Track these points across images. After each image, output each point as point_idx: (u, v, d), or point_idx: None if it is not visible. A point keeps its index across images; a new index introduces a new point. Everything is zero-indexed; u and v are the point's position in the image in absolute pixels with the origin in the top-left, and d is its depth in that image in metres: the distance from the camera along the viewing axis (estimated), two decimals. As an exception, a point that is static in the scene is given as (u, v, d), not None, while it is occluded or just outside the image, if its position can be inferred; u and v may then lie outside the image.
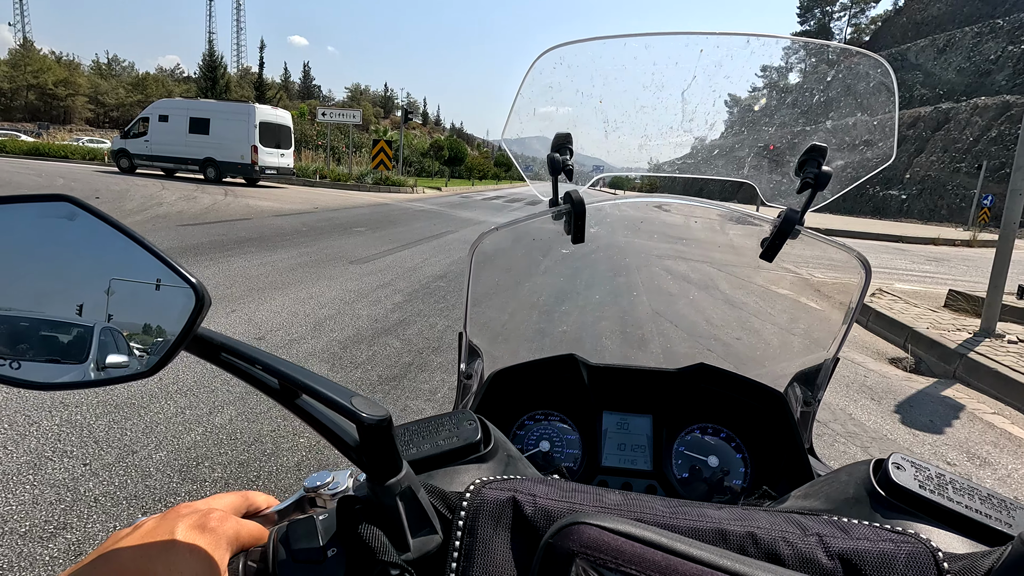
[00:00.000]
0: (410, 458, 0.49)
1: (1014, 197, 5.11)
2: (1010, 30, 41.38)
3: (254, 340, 4.02)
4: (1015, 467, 3.10)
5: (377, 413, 0.38)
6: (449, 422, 0.53)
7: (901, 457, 0.47)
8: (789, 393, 0.93)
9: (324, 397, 0.38)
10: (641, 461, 0.88)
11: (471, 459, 0.50)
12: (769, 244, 0.82)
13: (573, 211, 0.82)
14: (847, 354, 5.04)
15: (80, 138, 41.92)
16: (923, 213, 36.77)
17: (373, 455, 0.40)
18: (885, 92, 0.89)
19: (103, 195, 12.46)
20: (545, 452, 0.89)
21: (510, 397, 0.91)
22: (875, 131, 0.90)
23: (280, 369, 0.39)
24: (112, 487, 2.21)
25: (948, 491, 0.44)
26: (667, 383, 0.91)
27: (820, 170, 0.80)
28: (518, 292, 1.11)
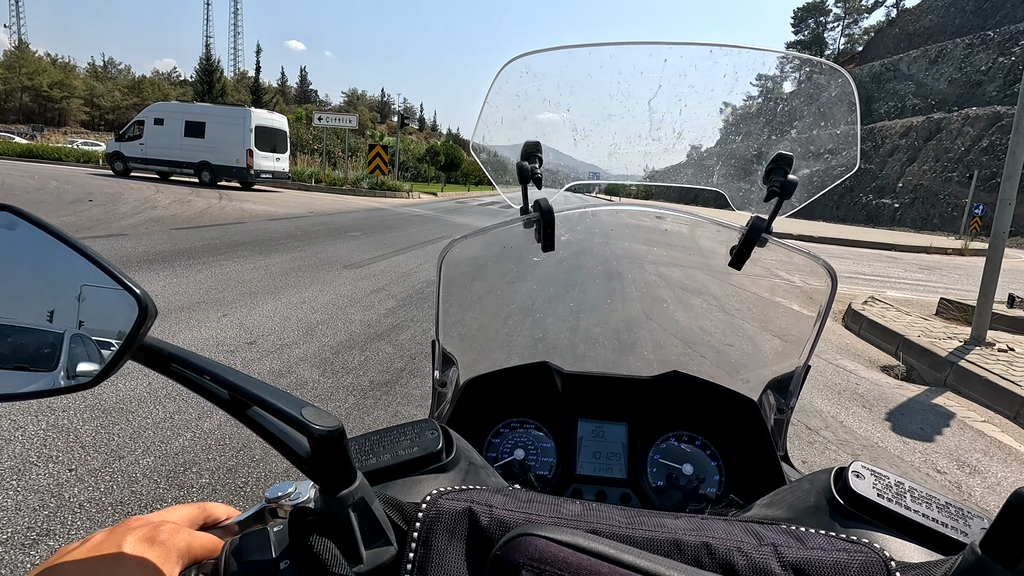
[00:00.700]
0: (368, 468, 0.48)
1: (1003, 207, 5.16)
2: (1000, 42, 41.92)
3: (245, 345, 4.00)
4: (1004, 475, 3.11)
5: (328, 424, 0.38)
6: (411, 431, 0.53)
7: (862, 465, 0.47)
8: (763, 400, 0.93)
9: (273, 408, 0.38)
10: (616, 469, 0.88)
11: (431, 469, 0.50)
12: (737, 252, 0.82)
13: (542, 219, 0.82)
14: (840, 362, 5.06)
15: (75, 140, 41.80)
16: (916, 222, 37.08)
17: (325, 466, 0.39)
18: (847, 103, 0.90)
19: (97, 198, 12.40)
20: (520, 460, 0.89)
21: (485, 405, 0.91)
22: (839, 140, 0.91)
23: (229, 380, 0.38)
24: (97, 493, 2.19)
25: (906, 499, 0.44)
26: (641, 391, 0.91)
27: (786, 179, 0.81)
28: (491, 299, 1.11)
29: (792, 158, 0.82)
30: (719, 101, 0.90)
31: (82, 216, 9.57)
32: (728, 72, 0.86)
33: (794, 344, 0.93)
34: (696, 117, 0.91)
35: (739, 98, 0.91)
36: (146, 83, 78.03)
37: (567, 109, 0.92)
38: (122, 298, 0.39)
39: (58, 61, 74.45)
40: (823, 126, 0.92)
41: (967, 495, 2.85)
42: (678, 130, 0.92)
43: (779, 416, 0.88)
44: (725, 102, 0.91)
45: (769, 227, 0.81)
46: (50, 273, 0.41)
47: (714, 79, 0.87)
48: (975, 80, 42.59)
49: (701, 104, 0.90)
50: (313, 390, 3.35)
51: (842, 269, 12.44)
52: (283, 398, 0.38)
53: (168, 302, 4.86)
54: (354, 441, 0.53)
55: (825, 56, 79.24)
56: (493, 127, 0.96)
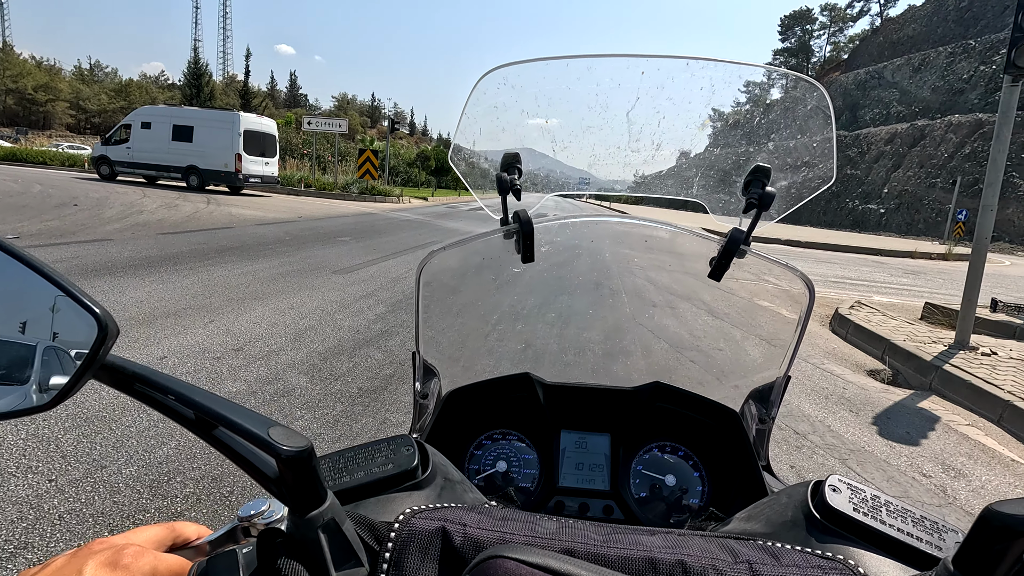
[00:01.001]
0: (341, 487, 0.48)
1: (985, 213, 5.24)
2: (982, 51, 42.75)
3: (232, 351, 3.95)
4: (988, 478, 3.15)
5: (296, 444, 0.37)
6: (386, 448, 0.52)
7: (838, 479, 0.47)
8: (745, 411, 0.93)
9: (240, 428, 0.37)
10: (599, 481, 0.88)
11: (406, 486, 0.49)
12: (716, 263, 0.82)
13: (521, 230, 0.82)
14: (827, 366, 5.11)
15: (60, 144, 41.28)
16: (901, 227, 37.60)
17: (293, 487, 0.39)
18: (822, 116, 0.91)
19: (82, 202, 12.25)
20: (502, 472, 0.88)
21: (467, 416, 0.90)
22: (815, 153, 0.92)
23: (195, 399, 0.38)
24: (78, 504, 2.15)
25: (882, 514, 0.44)
26: (624, 401, 0.91)
27: (764, 191, 0.81)
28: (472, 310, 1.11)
29: (770, 170, 0.83)
30: (697, 113, 0.91)
31: (66, 221, 9.44)
32: (705, 85, 0.87)
33: (775, 354, 0.93)
34: (675, 129, 0.92)
35: (717, 110, 0.92)
36: (133, 86, 77.31)
37: (546, 120, 0.92)
38: (82, 318, 0.38)
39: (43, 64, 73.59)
40: (800, 139, 0.93)
41: (952, 499, 2.87)
42: (657, 141, 0.92)
43: (761, 426, 0.89)
44: (703, 114, 0.91)
45: (748, 239, 0.81)
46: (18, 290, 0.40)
47: (691, 91, 0.88)
48: (957, 88, 43.36)
49: (679, 116, 0.90)
50: (300, 397, 3.31)
51: (829, 274, 12.57)
52: (250, 418, 0.38)
53: (154, 308, 4.80)
54: (328, 458, 0.52)
55: (811, 63, 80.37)
56: (472, 138, 0.96)
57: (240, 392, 3.29)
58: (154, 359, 3.65)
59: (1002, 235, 31.01)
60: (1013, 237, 30.88)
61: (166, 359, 3.68)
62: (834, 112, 0.90)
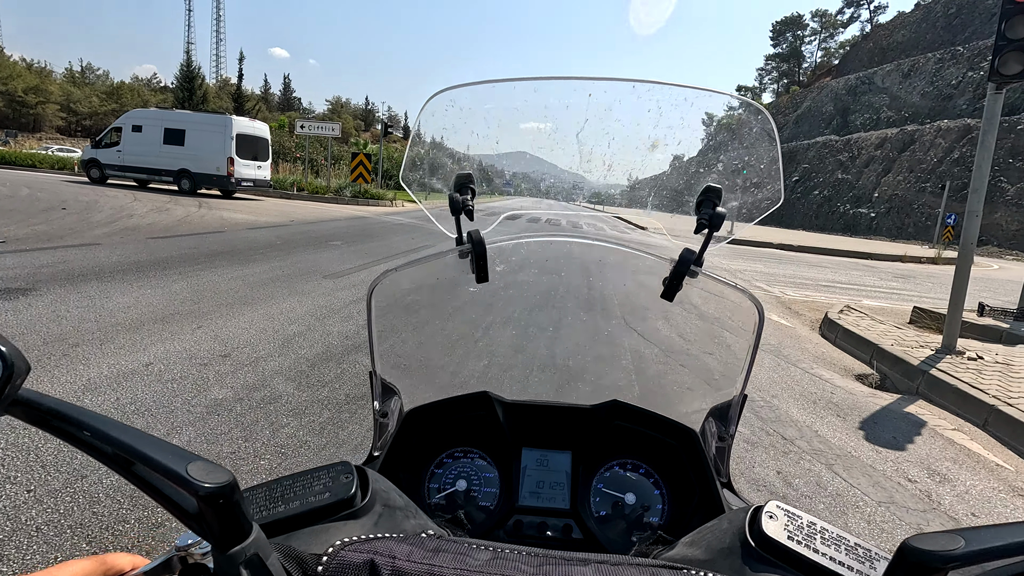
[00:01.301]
0: (275, 517, 0.47)
1: (971, 219, 5.30)
2: (970, 57, 43.28)
3: (219, 357, 3.93)
4: (973, 483, 3.17)
5: (217, 480, 0.37)
6: (326, 476, 0.52)
7: (776, 506, 0.47)
8: (706, 428, 0.94)
9: (156, 465, 0.36)
10: (559, 499, 0.87)
11: (342, 515, 0.49)
12: (668, 284, 0.83)
13: (474, 251, 0.82)
14: (816, 370, 5.13)
15: (50, 147, 40.95)
16: (891, 231, 37.92)
17: (214, 523, 0.38)
18: (768, 138, 0.92)
19: (71, 206, 12.15)
20: (463, 491, 0.88)
21: (429, 434, 0.90)
22: (763, 174, 0.93)
23: (112, 435, 0.37)
24: (57, 515, 2.12)
25: (815, 542, 0.45)
26: (583, 419, 0.91)
27: (715, 211, 0.82)
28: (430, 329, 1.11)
29: (721, 190, 0.83)
30: (646, 135, 0.92)
31: (54, 225, 9.36)
32: (652, 107, 0.88)
33: (732, 373, 0.94)
34: (625, 150, 0.93)
35: (665, 132, 0.92)
36: (125, 89, 76.90)
37: (496, 141, 0.93)
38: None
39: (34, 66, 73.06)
40: (747, 160, 0.94)
41: (937, 504, 2.89)
42: (608, 162, 0.93)
43: (721, 443, 0.89)
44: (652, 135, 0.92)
45: (700, 259, 0.82)
46: None
47: (639, 113, 0.89)
48: (946, 94, 43.86)
49: (628, 138, 0.92)
50: (287, 404, 3.29)
51: (820, 278, 12.66)
52: (169, 453, 0.37)
53: (141, 314, 4.76)
54: (265, 487, 0.51)
55: (803, 68, 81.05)
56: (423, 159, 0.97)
57: (226, 399, 3.27)
58: (139, 365, 3.62)
59: (991, 239, 31.33)
60: (1001, 241, 31.21)
61: (152, 365, 3.65)
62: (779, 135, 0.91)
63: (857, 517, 2.67)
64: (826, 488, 2.92)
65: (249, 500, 0.50)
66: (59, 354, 3.69)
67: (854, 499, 2.84)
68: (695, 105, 0.91)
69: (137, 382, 3.38)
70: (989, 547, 0.34)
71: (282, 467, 2.63)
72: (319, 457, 2.76)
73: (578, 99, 0.88)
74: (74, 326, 4.28)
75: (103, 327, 4.32)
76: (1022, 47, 4.63)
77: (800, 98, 63.47)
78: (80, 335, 4.09)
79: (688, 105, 0.91)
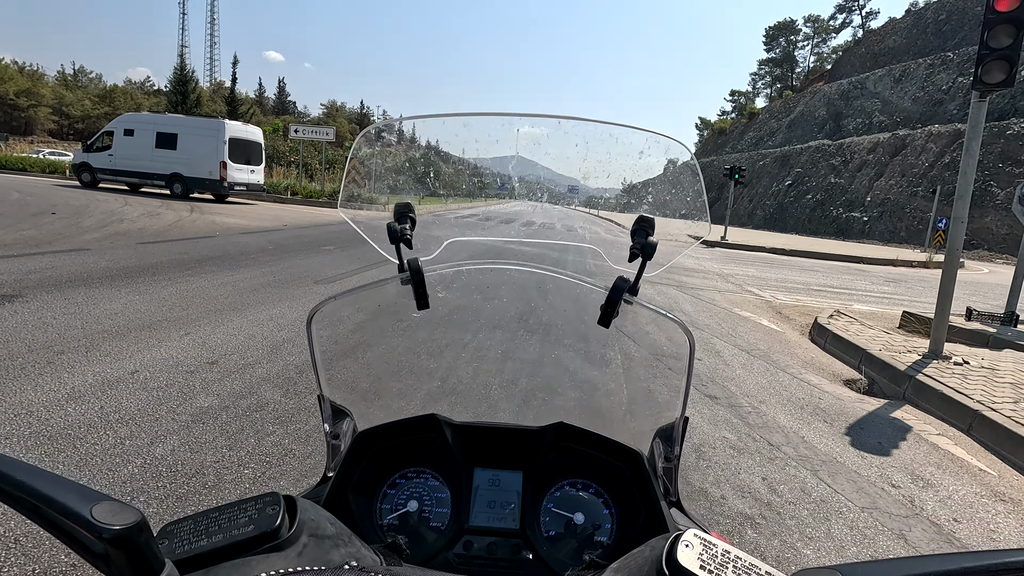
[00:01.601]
0: (195, 552, 0.47)
1: (956, 225, 5.35)
2: (960, 62, 43.74)
3: (206, 364, 3.91)
4: (955, 488, 3.19)
5: (124, 521, 0.37)
6: (252, 507, 0.52)
7: (694, 534, 0.48)
8: (654, 448, 0.95)
9: (60, 508, 0.36)
10: (509, 519, 0.88)
11: (265, 548, 0.48)
12: (603, 310, 0.84)
13: (412, 279, 0.84)
14: (804, 376, 5.16)
15: (41, 150, 40.70)
16: (883, 235, 38.19)
17: (123, 565, 0.38)
18: (691, 173, 0.95)
19: (61, 211, 12.09)
20: (414, 511, 0.89)
21: (382, 455, 0.91)
22: (690, 206, 0.96)
23: (13, 476, 0.37)
24: (35, 527, 2.09)
25: (727, 570, 0.45)
26: (532, 441, 0.92)
27: (647, 240, 0.84)
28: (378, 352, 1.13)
29: (653, 220, 0.86)
30: (576, 167, 0.95)
31: (43, 230, 9.30)
32: (579, 142, 0.91)
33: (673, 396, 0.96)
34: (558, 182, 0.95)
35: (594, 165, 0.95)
36: (118, 92, 76.58)
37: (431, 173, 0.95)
38: None
39: (26, 69, 72.70)
40: (674, 193, 0.97)
41: (919, 509, 2.91)
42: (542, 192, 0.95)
43: (667, 464, 0.90)
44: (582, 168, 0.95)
45: (635, 287, 0.83)
46: None
47: (567, 147, 0.91)
48: (937, 99, 44.29)
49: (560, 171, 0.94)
50: (274, 411, 3.28)
51: (812, 282, 12.73)
52: (73, 494, 0.37)
53: (128, 320, 4.74)
54: (190, 520, 0.51)
55: (796, 73, 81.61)
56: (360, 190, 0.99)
57: (212, 407, 3.26)
58: (124, 373, 3.60)
59: (981, 243, 31.60)
60: (992, 245, 31.48)
61: (137, 373, 3.63)
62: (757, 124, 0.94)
63: (840, 523, 2.69)
64: (810, 494, 2.94)
65: (174, 533, 0.50)
66: (44, 361, 3.67)
67: (837, 505, 2.85)
68: (620, 141, 0.95)
69: (122, 390, 3.36)
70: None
71: (266, 476, 2.62)
72: (304, 466, 2.75)
73: (506, 134, 0.91)
74: (60, 333, 4.25)
75: (89, 334, 4.30)
76: (1004, 56, 4.69)
77: (793, 102, 63.91)
78: (65, 342, 4.07)
79: (614, 141, 0.94)
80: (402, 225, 0.88)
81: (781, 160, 52.54)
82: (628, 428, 0.99)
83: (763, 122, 66.30)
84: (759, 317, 7.75)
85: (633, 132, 0.92)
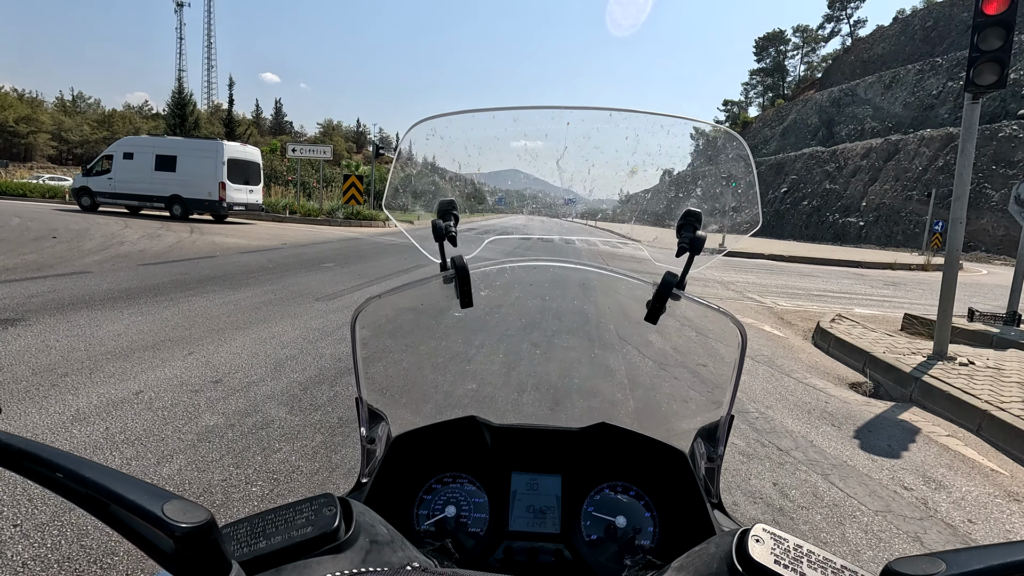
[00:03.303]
0: (256, 554, 0.47)
1: (955, 226, 5.37)
2: (948, 67, 44.24)
3: (211, 383, 3.89)
4: (968, 489, 3.17)
5: (194, 520, 0.36)
6: (308, 509, 0.52)
7: (763, 529, 0.47)
8: (695, 449, 0.93)
9: (132, 506, 0.36)
10: (549, 524, 0.87)
11: (326, 550, 0.48)
12: (651, 307, 0.83)
13: (457, 276, 0.83)
14: (809, 380, 5.14)
15: (41, 176, 40.90)
16: (880, 239, 38.31)
17: (192, 564, 0.37)
18: (744, 164, 0.94)
19: (61, 235, 12.11)
20: (452, 517, 0.87)
21: (417, 460, 0.90)
22: (741, 198, 0.95)
23: (86, 476, 0.37)
24: (44, 549, 2.08)
25: (803, 565, 0.44)
26: (572, 442, 0.91)
27: (695, 235, 0.83)
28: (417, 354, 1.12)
29: (701, 215, 0.85)
30: (625, 161, 0.94)
31: (45, 254, 9.31)
32: (629, 134, 0.90)
33: (719, 394, 0.94)
34: (605, 176, 0.94)
35: (644, 159, 0.94)
36: (116, 117, 77.22)
37: (478, 168, 0.94)
38: None
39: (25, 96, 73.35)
40: (724, 185, 0.96)
41: (933, 511, 2.88)
42: (589, 188, 0.95)
43: (710, 464, 0.89)
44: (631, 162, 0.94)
45: (682, 282, 0.82)
46: None
47: (617, 140, 0.90)
48: (928, 103, 44.73)
49: (608, 164, 0.93)
50: (279, 429, 3.26)
51: (812, 287, 12.74)
52: (144, 492, 0.37)
53: (131, 341, 4.72)
54: (246, 522, 0.51)
55: (787, 83, 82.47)
56: (405, 186, 0.99)
57: (218, 425, 3.24)
58: (129, 394, 3.59)
59: (978, 245, 31.70)
60: (989, 246, 31.58)
61: (142, 394, 3.62)
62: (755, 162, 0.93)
63: (854, 527, 2.66)
64: (823, 499, 2.91)
65: (230, 536, 0.50)
66: (48, 384, 3.65)
67: (851, 509, 2.83)
68: (671, 132, 0.93)
69: (127, 411, 3.34)
70: (969, 571, 0.34)
71: (274, 493, 2.60)
72: (312, 482, 2.73)
73: (556, 127, 0.89)
74: (63, 356, 4.24)
75: (93, 356, 4.29)
76: (995, 58, 4.75)
77: (785, 111, 64.51)
78: (69, 364, 4.05)
79: (665, 133, 0.92)
80: (447, 223, 0.87)
81: (776, 168, 52.88)
82: (670, 427, 0.98)
83: (756, 130, 66.87)
84: (761, 323, 7.74)
85: (686, 123, 0.92)
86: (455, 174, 1.04)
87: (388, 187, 1.01)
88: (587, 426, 0.91)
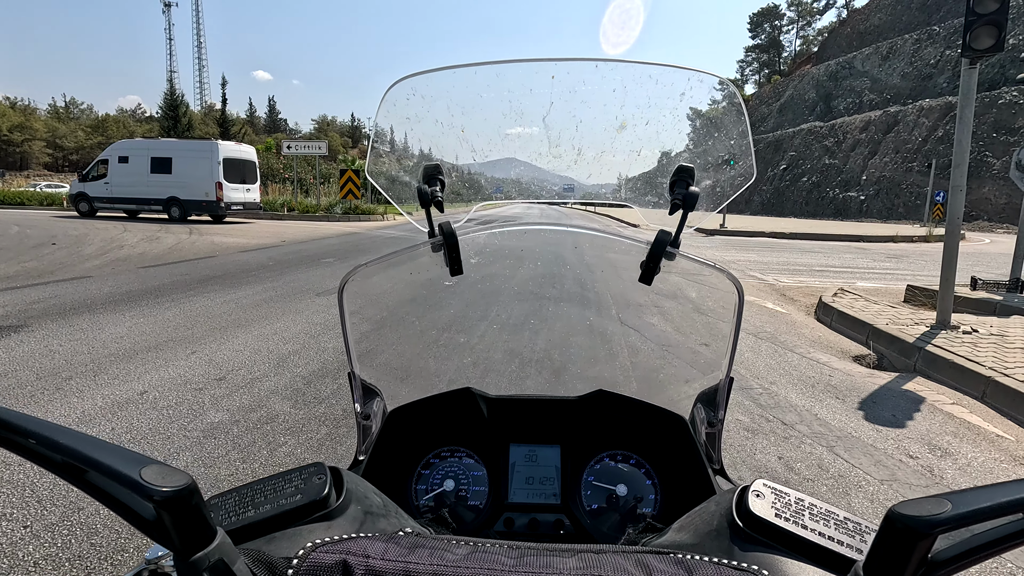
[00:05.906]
0: (244, 522, 0.46)
1: (955, 194, 5.33)
2: (946, 36, 43.66)
3: (214, 381, 3.91)
4: (974, 455, 3.17)
5: (173, 484, 0.35)
6: (298, 478, 0.51)
7: (763, 484, 0.47)
8: (695, 415, 0.92)
9: (109, 471, 0.35)
10: (549, 494, 0.86)
11: (315, 517, 0.47)
12: (645, 267, 0.81)
13: (446, 243, 0.80)
14: (813, 354, 5.13)
15: (37, 183, 40.87)
16: (881, 212, 38.10)
17: (174, 529, 0.36)
18: (735, 112, 0.91)
19: (61, 241, 12.11)
20: (451, 491, 0.87)
21: (414, 434, 0.89)
22: (734, 150, 0.92)
23: (60, 442, 0.35)
24: (54, 549, 2.10)
25: (804, 518, 0.44)
26: (570, 411, 0.90)
27: (688, 191, 0.80)
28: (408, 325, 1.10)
29: (693, 170, 0.82)
30: (614, 116, 0.90)
31: (45, 260, 9.33)
32: (617, 86, 0.86)
33: (717, 356, 0.92)
34: (593, 133, 0.91)
35: (633, 112, 0.90)
36: (110, 121, 76.92)
37: (462, 129, 0.91)
38: None
39: (17, 104, 73.08)
40: (717, 137, 0.93)
41: (939, 478, 2.89)
42: (577, 146, 0.92)
43: (711, 429, 0.87)
44: (620, 116, 0.91)
45: (676, 240, 0.80)
46: None
47: (604, 94, 0.87)
48: (926, 73, 44.22)
49: (596, 119, 0.90)
50: (284, 423, 3.28)
51: (813, 263, 12.69)
52: (121, 458, 0.36)
53: (134, 343, 4.74)
54: (236, 492, 0.50)
55: (783, 58, 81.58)
56: (387, 151, 0.96)
57: (223, 422, 3.25)
58: (134, 394, 3.60)
59: (980, 214, 31.50)
60: (991, 215, 31.38)
61: (147, 393, 3.63)
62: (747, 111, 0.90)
63: (860, 497, 2.67)
64: (828, 470, 2.92)
65: (219, 506, 0.49)
66: (52, 388, 3.67)
67: (856, 479, 2.83)
68: (660, 82, 0.89)
69: (132, 411, 3.36)
70: (976, 509, 0.33)
71: (281, 486, 2.61)
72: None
73: (541, 82, 0.86)
74: (67, 359, 4.26)
75: (96, 359, 4.30)
76: (992, 21, 4.68)
77: (782, 87, 63.88)
78: (73, 368, 4.07)
79: (653, 83, 0.88)
80: (432, 188, 0.85)
81: (774, 145, 52.49)
82: (668, 393, 0.97)
83: (754, 108, 66.26)
84: (763, 300, 7.72)
85: (674, 72, 0.88)
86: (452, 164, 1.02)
87: (369, 153, 0.98)
88: (585, 394, 0.90)
